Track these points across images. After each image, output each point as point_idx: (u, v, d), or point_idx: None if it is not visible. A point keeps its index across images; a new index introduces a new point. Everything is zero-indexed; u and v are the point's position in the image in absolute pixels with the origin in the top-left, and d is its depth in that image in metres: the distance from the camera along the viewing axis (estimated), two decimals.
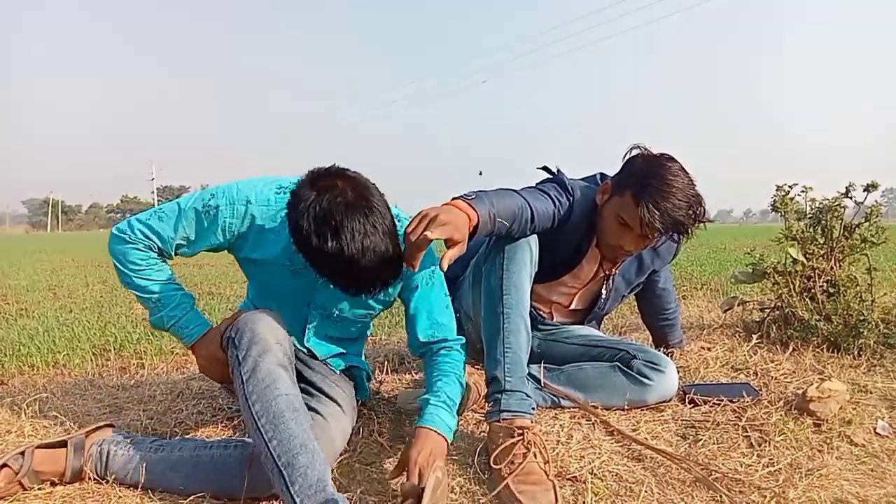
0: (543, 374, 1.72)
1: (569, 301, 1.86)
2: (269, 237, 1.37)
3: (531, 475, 1.24)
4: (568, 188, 1.64)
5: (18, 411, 1.73)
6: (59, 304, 4.78)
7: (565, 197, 1.63)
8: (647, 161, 1.59)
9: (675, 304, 2.08)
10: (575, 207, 1.64)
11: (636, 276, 1.87)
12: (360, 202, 1.16)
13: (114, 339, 3.07)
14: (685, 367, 1.97)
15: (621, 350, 1.72)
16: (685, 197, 1.52)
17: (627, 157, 1.64)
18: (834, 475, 1.28)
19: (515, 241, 1.50)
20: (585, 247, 1.72)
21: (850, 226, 2.30)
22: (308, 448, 1.11)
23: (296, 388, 1.22)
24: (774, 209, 2.39)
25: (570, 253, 1.74)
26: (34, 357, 2.74)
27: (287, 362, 1.24)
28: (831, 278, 2.29)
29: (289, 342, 1.29)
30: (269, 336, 1.23)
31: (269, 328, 1.25)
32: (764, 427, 1.49)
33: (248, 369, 1.18)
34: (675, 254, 1.91)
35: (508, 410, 1.38)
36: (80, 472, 1.32)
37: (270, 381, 1.17)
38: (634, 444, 1.44)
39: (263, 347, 1.21)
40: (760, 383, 1.82)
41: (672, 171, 1.54)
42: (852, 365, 1.98)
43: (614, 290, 1.85)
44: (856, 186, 2.29)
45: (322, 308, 1.47)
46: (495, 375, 1.43)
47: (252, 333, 1.22)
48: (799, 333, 2.21)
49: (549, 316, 1.88)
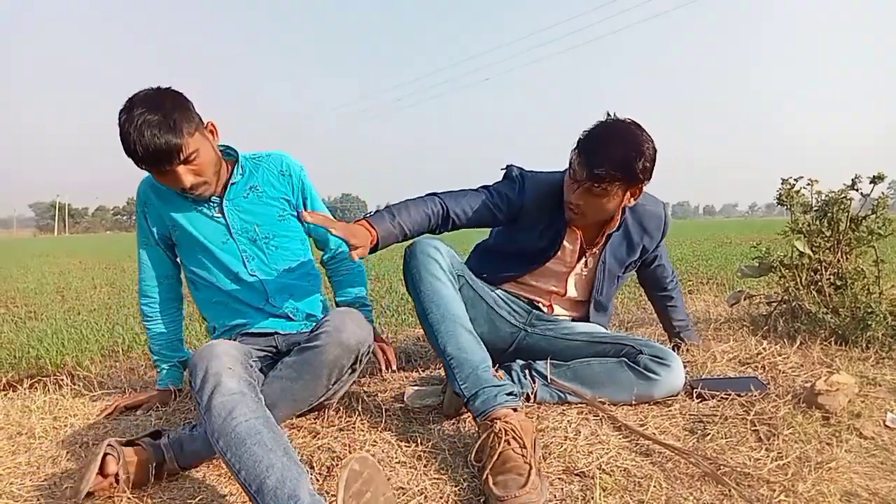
0: (550, 370, 1.72)
1: (563, 287, 1.86)
2: (169, 198, 1.66)
3: (507, 463, 1.23)
4: (514, 178, 1.76)
5: (28, 413, 1.75)
6: (67, 307, 4.81)
7: (512, 187, 1.74)
8: (603, 121, 1.63)
9: (674, 277, 2.10)
10: (528, 191, 1.73)
11: (627, 255, 1.86)
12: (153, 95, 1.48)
13: (121, 340, 3.09)
14: (692, 361, 1.96)
15: (626, 345, 1.71)
16: (622, 149, 1.54)
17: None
18: (843, 468, 1.27)
19: (426, 254, 1.60)
20: (560, 227, 1.75)
21: (856, 218, 2.29)
22: (275, 467, 1.11)
23: (256, 404, 1.23)
24: (780, 202, 2.38)
25: (548, 237, 1.77)
26: (43, 359, 2.76)
27: (244, 383, 1.26)
28: (838, 271, 2.28)
29: (242, 359, 1.35)
30: (219, 366, 1.26)
31: (218, 359, 1.28)
32: (772, 421, 1.48)
33: (205, 408, 1.21)
34: (664, 231, 1.90)
35: (479, 413, 1.38)
36: (162, 467, 1.34)
37: (226, 412, 1.19)
38: (642, 438, 1.43)
39: (214, 382, 1.23)
40: (768, 377, 1.82)
41: (619, 127, 1.59)
42: (861, 358, 1.97)
43: (607, 271, 1.84)
44: (862, 178, 2.28)
45: (244, 232, 1.69)
46: (454, 392, 1.46)
47: (203, 372, 1.26)
48: (806, 327, 2.20)
49: (550, 309, 1.88)
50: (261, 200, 1.71)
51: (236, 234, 1.68)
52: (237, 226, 1.68)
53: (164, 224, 1.69)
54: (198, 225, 1.67)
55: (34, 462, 1.45)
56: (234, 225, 1.68)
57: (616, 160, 1.54)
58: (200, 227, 1.67)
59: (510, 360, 1.82)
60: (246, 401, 1.22)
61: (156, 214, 1.69)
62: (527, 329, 1.85)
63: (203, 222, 1.68)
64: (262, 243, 1.70)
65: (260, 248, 1.70)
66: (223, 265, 1.69)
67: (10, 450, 1.52)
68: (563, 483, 1.26)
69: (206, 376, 1.24)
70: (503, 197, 1.73)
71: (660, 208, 1.87)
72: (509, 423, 1.30)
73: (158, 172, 1.51)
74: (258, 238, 1.70)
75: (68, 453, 1.48)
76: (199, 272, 1.71)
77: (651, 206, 1.84)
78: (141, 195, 1.70)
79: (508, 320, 1.84)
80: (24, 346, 3.02)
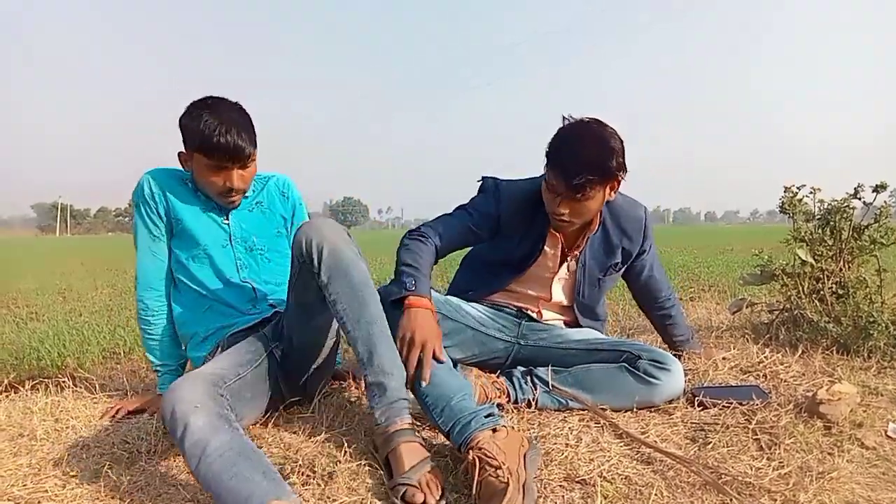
0: (551, 375, 1.72)
1: (548, 293, 1.87)
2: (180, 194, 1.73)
3: (487, 488, 1.19)
4: (489, 190, 1.80)
5: (30, 414, 1.75)
6: (69, 308, 4.82)
7: (488, 201, 1.79)
8: (566, 126, 1.65)
9: (670, 292, 2.04)
10: (503, 201, 1.78)
11: (607, 258, 1.86)
12: (232, 103, 1.65)
13: (123, 342, 3.09)
14: (693, 369, 1.96)
15: (625, 351, 1.71)
16: (592, 151, 1.57)
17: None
18: (845, 479, 1.27)
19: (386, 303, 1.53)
20: (541, 232, 1.77)
21: (859, 227, 2.29)
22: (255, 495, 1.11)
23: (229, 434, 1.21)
24: (783, 211, 2.38)
25: (529, 243, 1.79)
26: (44, 360, 2.77)
27: (213, 416, 1.24)
28: (840, 280, 2.28)
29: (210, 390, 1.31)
30: (185, 408, 1.22)
31: (182, 402, 1.23)
32: (774, 430, 1.48)
33: (182, 451, 1.19)
34: (645, 233, 1.89)
35: (458, 446, 1.34)
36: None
37: (199, 452, 1.17)
38: (643, 446, 1.43)
39: (182, 425, 1.20)
40: (770, 386, 1.81)
41: (583, 129, 1.61)
42: (862, 367, 1.97)
43: (588, 274, 1.85)
44: (864, 187, 2.28)
45: (242, 241, 1.78)
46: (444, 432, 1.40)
47: (170, 417, 1.22)
48: (808, 335, 2.20)
49: (539, 314, 1.89)
50: (263, 215, 1.84)
51: (235, 241, 1.78)
52: (237, 234, 1.79)
53: (170, 217, 1.74)
54: (203, 224, 1.74)
55: (35, 464, 1.45)
56: (236, 233, 1.78)
57: (590, 164, 1.56)
58: (204, 227, 1.74)
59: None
60: (217, 434, 1.20)
61: (164, 206, 1.73)
62: (520, 342, 1.85)
63: (208, 224, 1.75)
64: (257, 253, 1.81)
65: (253, 258, 1.80)
66: (217, 267, 1.75)
67: (12, 451, 1.52)
68: (565, 491, 1.26)
69: (175, 421, 1.21)
70: (481, 216, 1.77)
71: (639, 211, 1.87)
72: (482, 449, 1.25)
73: (219, 167, 1.63)
74: (254, 248, 1.81)
75: (70, 456, 1.48)
76: (191, 269, 1.74)
77: (630, 208, 1.85)
78: (146, 189, 1.72)
79: (499, 337, 1.84)
80: (25, 346, 3.02)
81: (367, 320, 1.40)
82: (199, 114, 1.59)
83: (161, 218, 1.73)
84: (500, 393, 1.69)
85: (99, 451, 1.51)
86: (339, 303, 1.42)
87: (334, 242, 1.43)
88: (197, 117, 1.59)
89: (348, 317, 1.41)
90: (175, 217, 1.73)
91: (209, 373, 1.38)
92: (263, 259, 1.81)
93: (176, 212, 1.72)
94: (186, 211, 1.73)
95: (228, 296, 1.74)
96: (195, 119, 1.59)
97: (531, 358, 1.83)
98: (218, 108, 1.61)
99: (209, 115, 1.58)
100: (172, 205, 1.72)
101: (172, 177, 1.74)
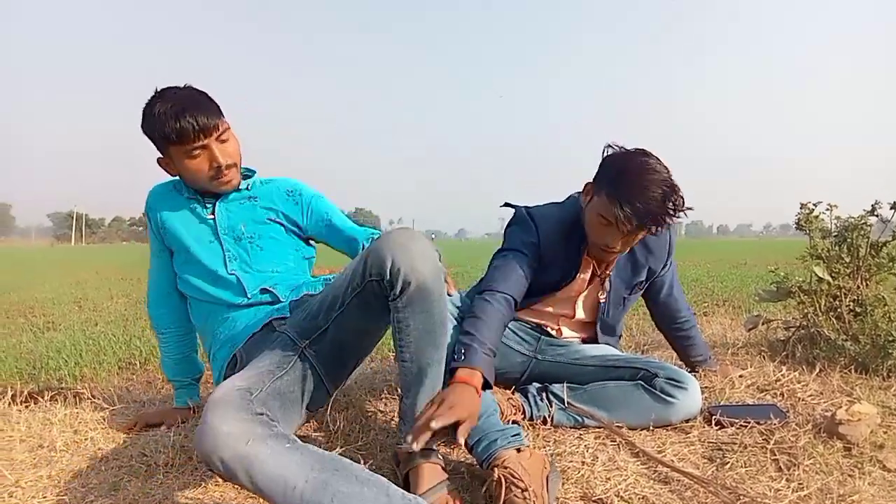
0: (567, 393, 1.71)
1: (572, 310, 1.87)
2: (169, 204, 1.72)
3: None
4: (527, 219, 1.76)
5: (49, 426, 1.77)
6: (85, 318, 4.88)
7: (528, 230, 1.75)
8: (621, 157, 1.62)
9: (689, 314, 2.03)
10: (540, 229, 1.75)
11: (633, 276, 1.86)
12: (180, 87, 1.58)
13: (139, 353, 3.13)
14: (710, 387, 1.95)
15: (641, 369, 1.71)
16: (660, 189, 1.53)
17: (603, 157, 1.66)
18: (866, 501, 1.25)
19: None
20: (576, 258, 1.76)
21: (876, 244, 2.27)
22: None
23: (295, 450, 1.10)
24: (799, 227, 2.37)
25: (563, 270, 1.77)
26: (62, 370, 2.80)
27: (268, 437, 1.10)
28: (858, 297, 2.26)
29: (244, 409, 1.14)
30: (236, 448, 1.06)
31: (226, 446, 1.06)
32: (792, 450, 1.47)
33: (258, 492, 1.06)
34: (669, 251, 1.88)
35: (480, 460, 1.34)
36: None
37: (281, 485, 1.05)
38: (660, 465, 1.42)
39: (245, 467, 1.05)
40: (787, 405, 1.80)
41: (644, 164, 1.57)
42: (881, 387, 1.95)
43: (613, 292, 1.84)
44: (882, 204, 2.27)
45: (230, 231, 1.69)
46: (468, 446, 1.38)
47: (221, 464, 1.06)
48: (825, 353, 2.18)
49: (559, 332, 1.89)
50: (253, 207, 1.73)
51: (222, 233, 1.69)
52: (224, 224, 1.70)
53: (160, 230, 1.74)
54: (186, 224, 1.71)
55: (55, 476, 1.46)
56: (222, 223, 1.70)
57: (660, 206, 1.53)
58: (190, 228, 1.70)
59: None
60: (288, 459, 1.07)
61: (159, 222, 1.73)
62: (537, 357, 1.85)
63: (194, 224, 1.71)
64: (247, 242, 1.70)
65: (244, 248, 1.70)
66: (205, 267, 1.67)
67: (32, 462, 1.54)
68: None
69: (232, 467, 1.05)
70: (529, 246, 1.74)
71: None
72: (507, 468, 1.25)
73: (194, 150, 1.56)
74: (243, 237, 1.70)
75: (89, 468, 1.50)
76: (187, 278, 1.70)
77: None
78: (149, 204, 1.74)
79: (518, 350, 1.85)
80: (43, 356, 3.07)
81: (427, 359, 1.31)
82: (151, 110, 1.54)
83: (157, 233, 1.75)
84: (515, 409, 1.69)
85: (117, 464, 1.52)
86: (407, 334, 1.30)
87: (424, 277, 1.25)
88: (151, 114, 1.54)
89: (409, 349, 1.31)
90: (163, 227, 1.72)
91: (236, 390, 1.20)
92: (255, 248, 1.70)
93: (163, 222, 1.72)
94: (173, 218, 1.71)
95: (219, 292, 1.66)
96: (149, 116, 1.55)
97: (547, 373, 1.82)
98: (165, 94, 1.56)
99: (160, 105, 1.53)
100: (162, 217, 1.72)
101: (167, 188, 1.74)
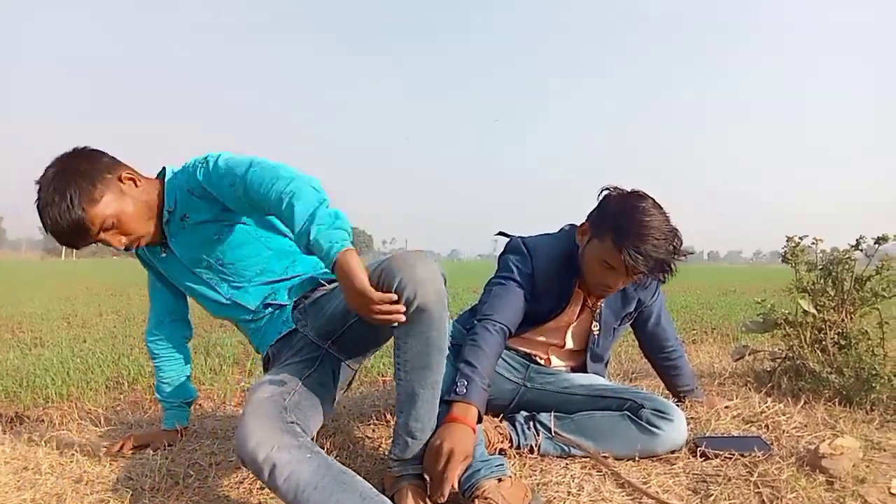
0: (554, 422, 1.72)
1: (562, 340, 1.89)
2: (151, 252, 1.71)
3: None
4: (522, 249, 1.79)
5: (35, 447, 1.76)
6: (73, 334, 4.84)
7: (524, 261, 1.77)
8: (621, 201, 1.65)
9: (677, 344, 2.06)
10: (535, 260, 1.77)
11: (623, 307, 1.89)
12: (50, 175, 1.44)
13: (127, 372, 3.11)
14: (696, 417, 1.96)
15: (628, 399, 1.72)
16: (663, 235, 1.57)
17: (600, 199, 1.70)
18: None
19: None
20: (569, 289, 1.78)
21: (861, 278, 2.31)
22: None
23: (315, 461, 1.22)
24: (785, 260, 2.41)
25: (554, 301, 1.80)
26: (49, 389, 2.78)
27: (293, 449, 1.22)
28: (842, 331, 2.29)
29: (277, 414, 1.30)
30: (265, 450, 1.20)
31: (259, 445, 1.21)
32: (776, 483, 1.48)
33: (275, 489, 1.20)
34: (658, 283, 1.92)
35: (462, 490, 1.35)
36: None
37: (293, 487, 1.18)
38: (645, 497, 1.43)
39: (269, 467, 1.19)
40: (772, 436, 1.81)
41: (647, 210, 1.60)
42: (865, 420, 1.97)
43: (603, 323, 1.87)
44: (866, 238, 2.31)
45: (198, 264, 1.62)
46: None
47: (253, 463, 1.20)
48: (810, 385, 2.20)
49: (547, 361, 1.90)
50: (194, 230, 1.58)
51: (193, 266, 1.64)
52: (187, 260, 1.63)
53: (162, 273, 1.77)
54: (170, 272, 1.71)
55: (39, 499, 1.45)
56: (185, 260, 1.63)
57: (667, 254, 1.58)
58: (172, 273, 1.71)
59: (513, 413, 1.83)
60: (304, 467, 1.19)
61: (155, 269, 1.78)
62: (526, 385, 1.86)
63: (166, 264, 1.70)
64: (217, 266, 1.62)
65: (219, 274, 1.63)
66: (202, 295, 1.67)
67: (16, 485, 1.53)
68: None
69: (260, 466, 1.19)
70: (523, 276, 1.76)
71: None
72: (487, 499, 1.28)
73: (86, 245, 1.51)
74: (213, 265, 1.62)
75: (73, 492, 1.49)
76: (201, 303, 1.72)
77: None
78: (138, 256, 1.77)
79: (508, 377, 1.86)
80: (29, 374, 3.04)
81: (420, 382, 1.32)
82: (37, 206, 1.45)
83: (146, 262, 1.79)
84: (502, 438, 1.70)
85: (103, 487, 1.52)
86: (404, 353, 1.32)
87: (427, 300, 1.25)
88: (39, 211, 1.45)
89: (405, 369, 1.33)
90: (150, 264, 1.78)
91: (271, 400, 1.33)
92: (228, 269, 1.62)
93: (157, 270, 1.77)
94: (159, 265, 1.73)
95: (228, 313, 1.67)
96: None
97: (535, 402, 1.83)
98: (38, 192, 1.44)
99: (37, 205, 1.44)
100: (153, 267, 1.78)
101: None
